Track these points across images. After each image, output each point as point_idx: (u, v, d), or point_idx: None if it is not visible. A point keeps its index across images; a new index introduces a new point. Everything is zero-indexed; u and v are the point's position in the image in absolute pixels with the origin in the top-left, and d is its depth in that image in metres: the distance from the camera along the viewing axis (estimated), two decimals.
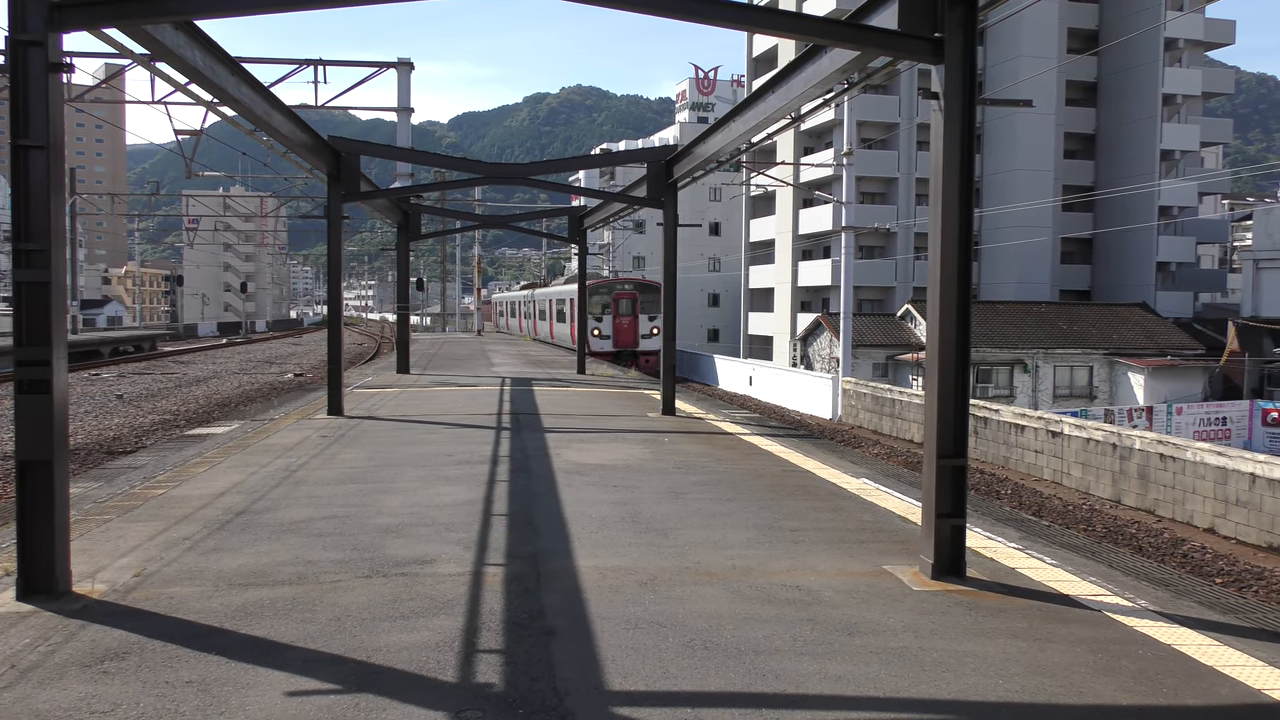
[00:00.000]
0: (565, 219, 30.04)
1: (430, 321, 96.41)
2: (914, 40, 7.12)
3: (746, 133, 13.14)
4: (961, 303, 6.93)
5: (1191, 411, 37.87)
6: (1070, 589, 6.82)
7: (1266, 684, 5.09)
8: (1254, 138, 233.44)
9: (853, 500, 9.80)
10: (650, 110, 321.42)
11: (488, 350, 39.89)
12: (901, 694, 4.87)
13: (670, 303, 17.14)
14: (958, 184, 6.94)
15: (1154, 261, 55.27)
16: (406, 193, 23.17)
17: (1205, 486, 17.32)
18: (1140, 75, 55.48)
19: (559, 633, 5.64)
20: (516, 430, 14.55)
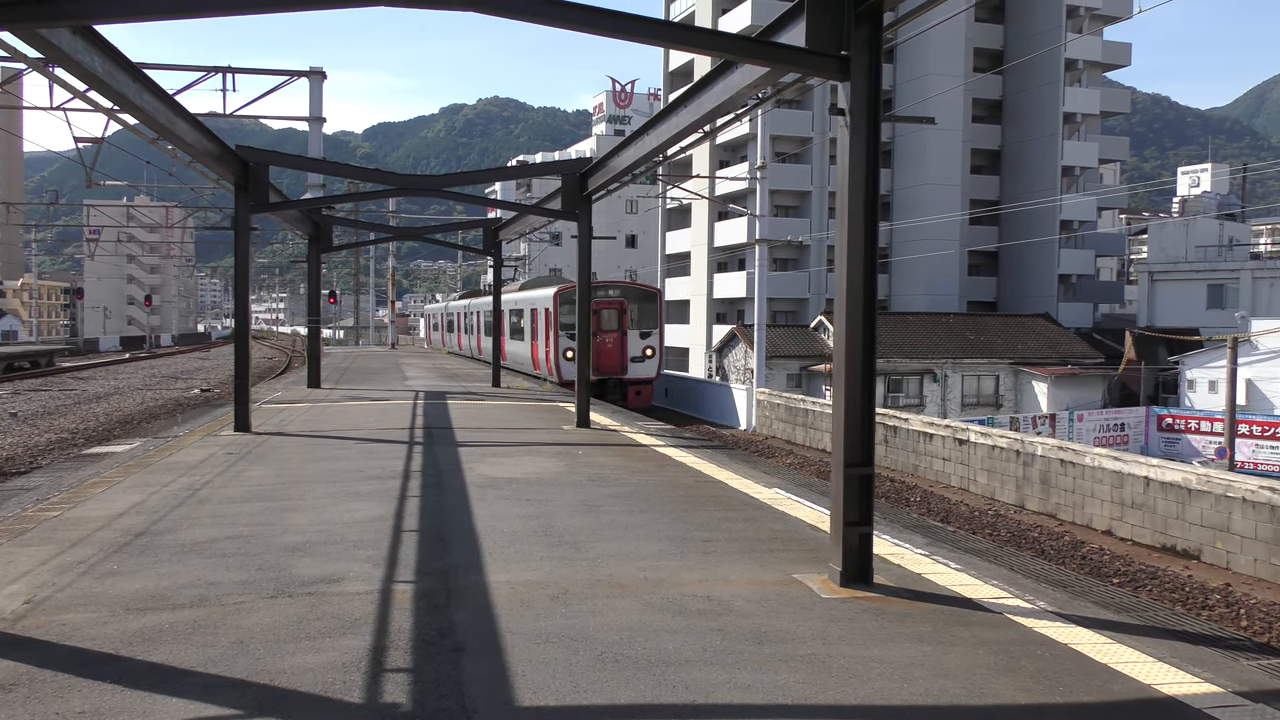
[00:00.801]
0: (480, 231, 29.85)
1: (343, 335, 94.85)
2: (821, 58, 7.25)
3: (660, 146, 13.22)
4: (867, 314, 7.07)
5: (1092, 418, 39.14)
6: (974, 592, 6.99)
7: (1156, 679, 5.27)
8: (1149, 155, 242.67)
9: (765, 510, 9.90)
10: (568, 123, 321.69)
11: (402, 364, 39.38)
12: (809, 700, 4.93)
13: (585, 316, 17.14)
14: (863, 198, 7.08)
15: (1056, 274, 57.03)
16: (318, 204, 22.79)
17: (1103, 490, 17.90)
18: (1042, 94, 57.31)
19: (469, 649, 5.58)
20: (429, 445, 14.38)
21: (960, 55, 56.34)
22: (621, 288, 32.49)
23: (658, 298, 31.93)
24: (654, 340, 31.47)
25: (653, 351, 31.37)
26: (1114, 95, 64.18)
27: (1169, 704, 4.95)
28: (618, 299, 31.49)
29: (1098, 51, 58.99)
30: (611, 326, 31.22)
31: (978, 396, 43.65)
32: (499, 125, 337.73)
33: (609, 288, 32.23)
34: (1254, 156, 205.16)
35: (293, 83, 26.63)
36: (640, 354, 31.30)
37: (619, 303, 31.42)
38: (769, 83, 9.54)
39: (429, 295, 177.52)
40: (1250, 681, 5.28)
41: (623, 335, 31.07)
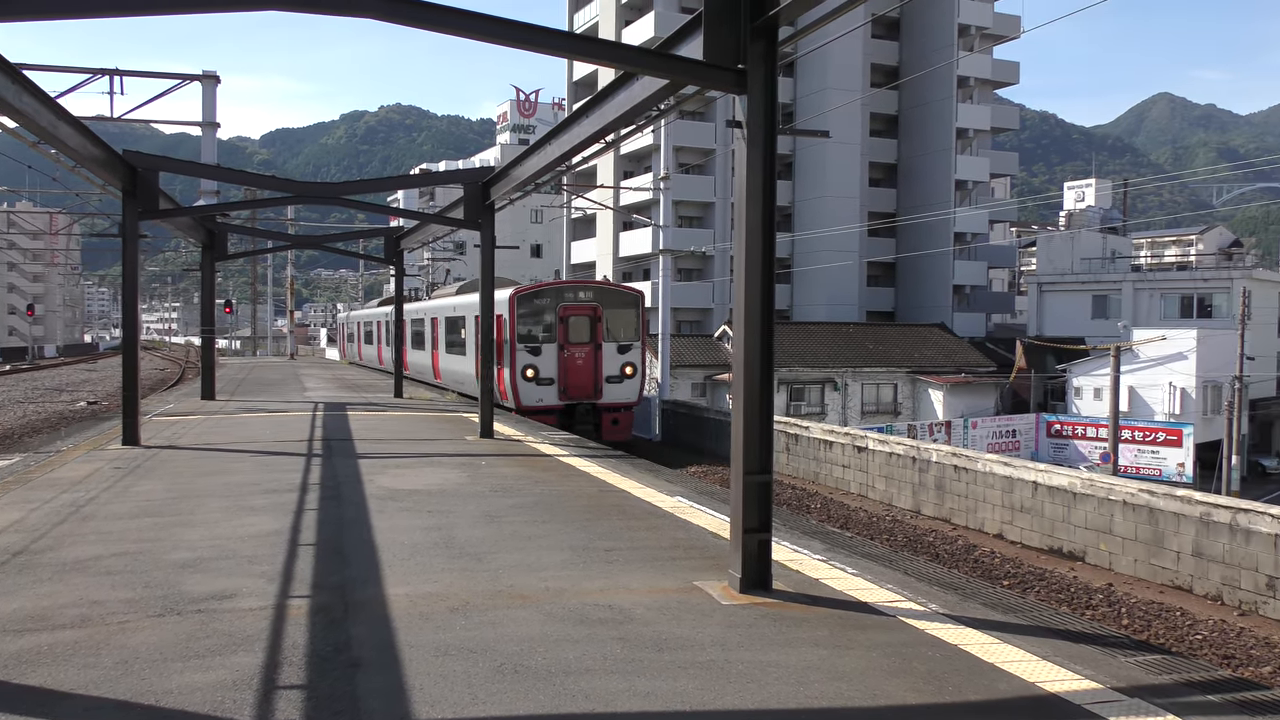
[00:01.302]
0: (382, 240, 29.41)
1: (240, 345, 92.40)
2: (719, 71, 7.35)
3: (563, 155, 13.24)
4: (765, 324, 7.18)
5: (985, 425, 40.35)
6: (869, 596, 7.14)
7: (1040, 677, 5.46)
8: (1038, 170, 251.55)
9: (667, 519, 9.96)
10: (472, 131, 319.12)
11: (301, 375, 38.55)
12: (708, 706, 4.98)
13: (488, 325, 17.02)
14: (761, 209, 7.20)
15: (950, 285, 58.70)
16: (211, 211, 22.17)
17: (994, 495, 18.47)
18: (936, 110, 59.00)
19: (365, 664, 5.49)
20: (328, 457, 14.11)
21: (858, 71, 57.65)
22: (595, 290, 25.70)
23: (639, 303, 25.71)
24: (635, 356, 25.27)
25: (634, 370, 25.12)
26: (1004, 112, 66.44)
27: (1051, 701, 5.14)
28: (590, 303, 24.99)
29: (988, 69, 60.99)
30: (582, 338, 24.73)
31: (877, 404, 44.61)
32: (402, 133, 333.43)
33: (580, 289, 25.44)
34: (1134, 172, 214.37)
35: (185, 86, 25.91)
36: (618, 372, 24.96)
37: (592, 308, 24.94)
38: (670, 94, 9.64)
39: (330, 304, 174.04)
40: (1127, 677, 5.50)
41: (596, 349, 24.79)
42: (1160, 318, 47.63)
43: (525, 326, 24.38)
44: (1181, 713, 4.98)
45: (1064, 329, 50.70)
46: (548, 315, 24.55)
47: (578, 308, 24.91)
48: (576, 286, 25.71)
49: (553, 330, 24.49)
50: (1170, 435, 37.41)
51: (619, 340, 25.10)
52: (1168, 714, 4.96)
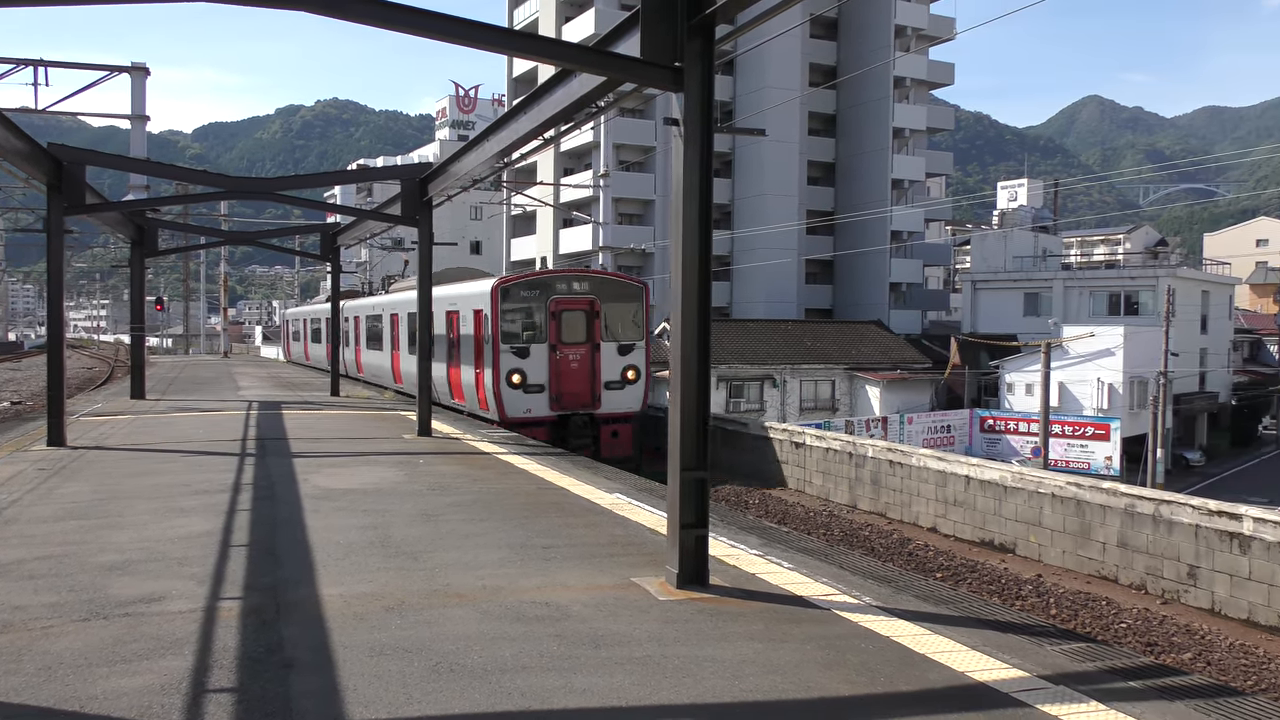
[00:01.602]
0: (319, 236, 29.01)
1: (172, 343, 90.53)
2: (656, 69, 7.37)
3: (501, 152, 13.19)
4: (702, 321, 7.22)
5: (920, 420, 40.98)
6: (805, 590, 7.22)
7: (969, 667, 5.57)
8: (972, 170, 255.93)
9: (606, 515, 9.98)
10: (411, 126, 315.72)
11: (235, 373, 37.88)
12: (644, 702, 5.00)
13: (426, 323, 16.89)
14: (698, 206, 7.23)
15: (887, 282, 59.46)
16: (141, 206, 21.69)
17: (928, 489, 18.77)
18: (873, 110, 59.70)
19: (298, 665, 5.43)
20: (262, 456, 13.89)
21: (796, 70, 58.12)
22: (592, 280, 22.07)
23: (643, 295, 22.28)
24: (638, 357, 21.82)
25: (637, 374, 21.69)
26: (939, 112, 67.48)
27: (979, 690, 5.24)
28: (586, 296, 21.37)
29: (923, 70, 61.86)
30: (578, 337, 21.16)
31: (815, 401, 45.05)
32: (339, 128, 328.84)
33: (574, 279, 21.77)
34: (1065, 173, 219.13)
35: (113, 78, 25.32)
36: (619, 377, 21.53)
37: (589, 302, 21.35)
38: (608, 91, 9.65)
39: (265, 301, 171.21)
40: (1054, 665, 5.64)
41: (594, 350, 21.35)
42: (1089, 315, 48.73)
43: (510, 323, 20.80)
44: (1104, 698, 5.11)
45: (997, 326, 51.65)
46: (536, 310, 21.01)
47: (572, 301, 21.25)
48: (570, 276, 21.96)
49: (543, 328, 20.91)
50: (1098, 430, 38.31)
51: (620, 339, 21.68)
52: (1091, 700, 5.09)
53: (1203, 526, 13.74)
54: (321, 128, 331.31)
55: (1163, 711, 4.96)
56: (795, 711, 4.94)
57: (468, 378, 22.18)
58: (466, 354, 22.25)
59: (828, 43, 61.37)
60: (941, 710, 4.95)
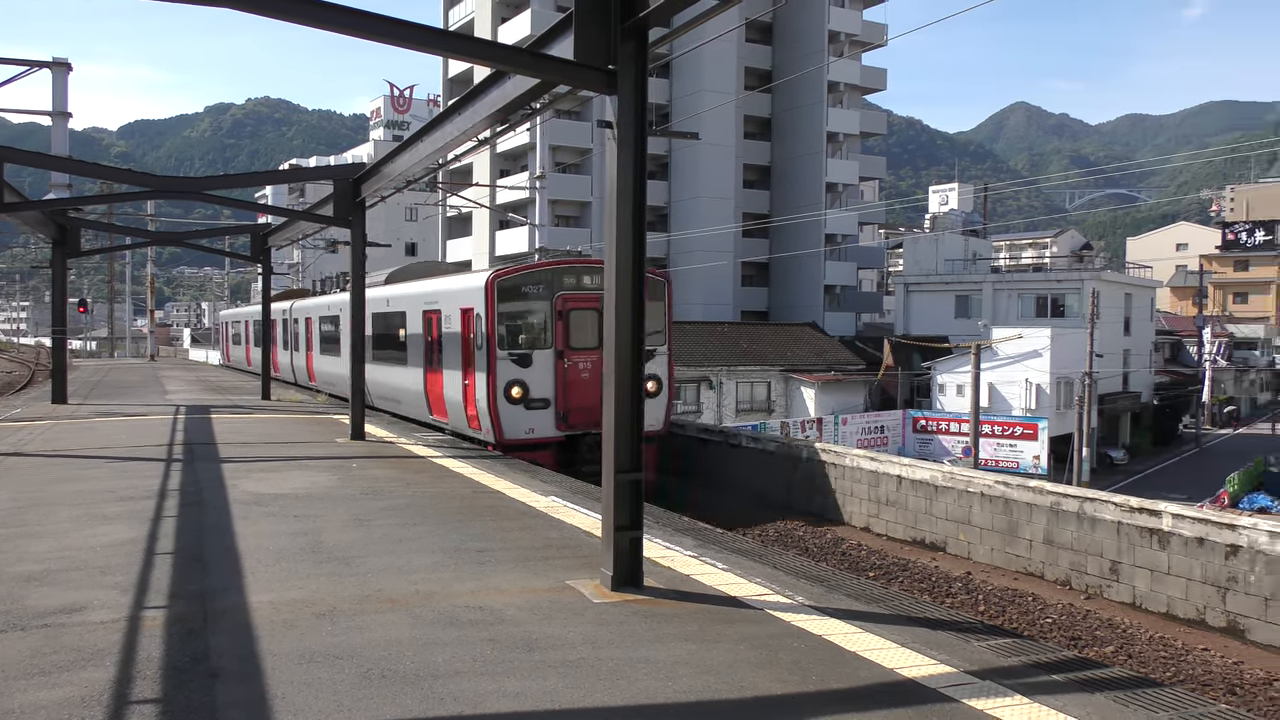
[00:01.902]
0: (249, 237, 28.50)
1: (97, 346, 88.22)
2: (590, 71, 7.38)
3: (435, 153, 13.08)
4: (635, 323, 7.23)
5: (855, 421, 41.50)
6: (739, 590, 7.27)
7: (898, 663, 5.66)
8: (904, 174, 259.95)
9: (541, 518, 9.95)
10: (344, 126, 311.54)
11: (162, 377, 37.04)
12: (577, 705, 5.00)
13: (358, 325, 16.68)
14: (631, 209, 7.25)
15: (822, 284, 60.12)
16: (62, 205, 21.10)
17: (861, 489, 19.01)
18: (808, 114, 60.34)
19: (225, 674, 5.33)
20: (190, 461, 13.60)
21: (732, 73, 58.51)
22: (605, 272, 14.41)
23: (666, 291, 18.95)
24: (660, 366, 18.60)
25: (659, 385, 18.53)
26: (872, 117, 68.41)
27: (908, 686, 5.33)
28: (599, 292, 17.17)
29: (857, 75, 62.67)
30: (589, 341, 17.61)
31: (751, 402, 45.37)
32: (270, 127, 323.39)
33: (584, 271, 17.93)
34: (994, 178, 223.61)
35: (33, 74, 24.60)
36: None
37: (601, 298, 15.60)
38: (542, 93, 9.63)
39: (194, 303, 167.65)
40: (981, 661, 5.75)
41: None
42: (1018, 317, 49.75)
43: (509, 325, 17.27)
44: (1029, 692, 5.23)
45: (929, 328, 52.50)
46: (539, 310, 17.43)
47: (583, 298, 17.63)
48: (580, 268, 18.01)
49: (548, 330, 17.39)
50: (1026, 429, 39.14)
51: None
52: (1016, 694, 5.21)
53: (1124, 523, 14.11)
54: (253, 126, 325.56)
55: (1084, 704, 5.09)
56: (727, 711, 4.98)
57: (452, 391, 18.54)
58: (451, 361, 18.52)
59: (763, 47, 61.92)
60: (871, 707, 5.02)
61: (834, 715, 4.92)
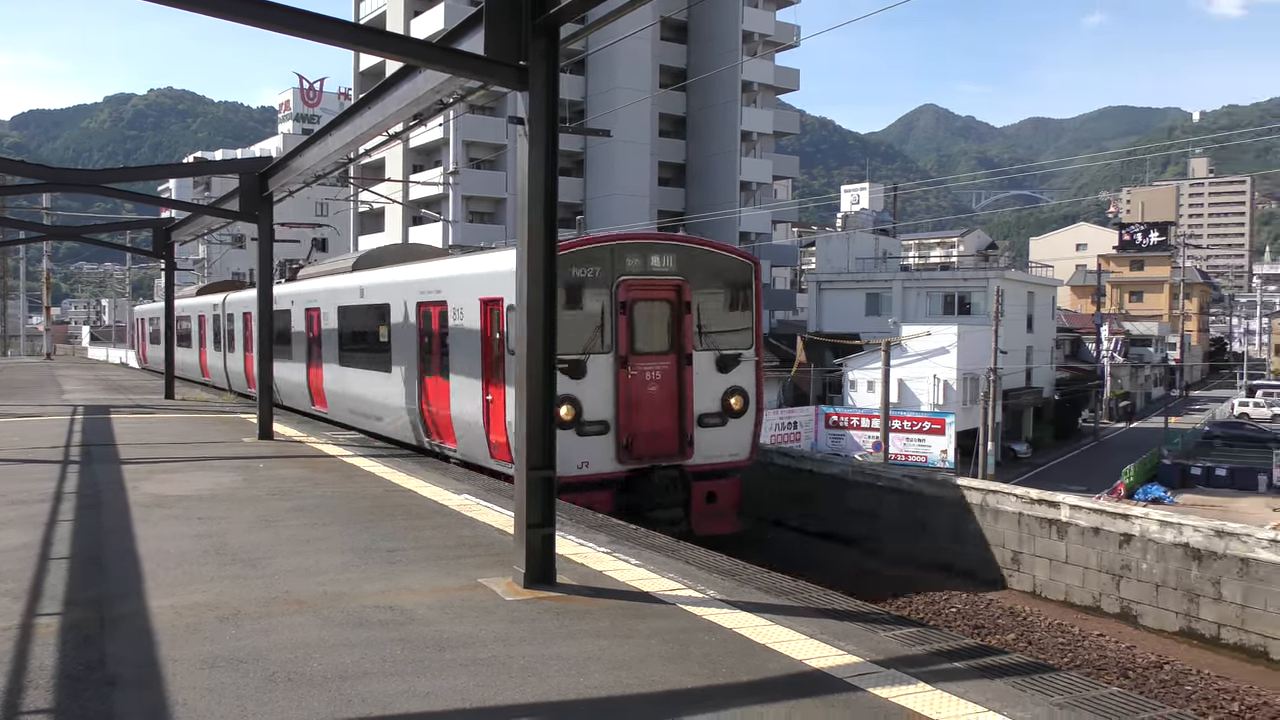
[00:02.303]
0: (151, 232, 27.67)
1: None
2: (501, 67, 7.33)
3: (345, 147, 12.88)
4: (547, 321, 7.21)
5: (769, 417, 41.93)
6: (651, 586, 7.32)
7: (807, 655, 5.76)
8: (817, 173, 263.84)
9: (454, 517, 9.87)
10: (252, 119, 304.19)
11: (59, 376, 35.76)
12: (488, 703, 4.98)
13: (266, 322, 16.34)
14: (543, 206, 7.22)
15: None
16: None
17: (773, 484, 19.25)
18: (722, 113, 60.84)
19: (123, 682, 5.18)
20: (88, 463, 13.16)
21: (647, 71, 58.69)
22: (679, 252, 14.07)
23: (754, 277, 14.94)
24: (746, 376, 14.41)
25: (744, 402, 14.26)
26: (785, 117, 69.27)
27: (816, 676, 5.42)
28: (672, 278, 13.78)
29: (770, 75, 63.43)
30: (658, 344, 13.74)
31: None
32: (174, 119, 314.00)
33: (652, 249, 14.00)
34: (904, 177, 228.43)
35: None
36: (719, 407, 14.05)
37: (675, 287, 13.69)
38: (453, 88, 9.56)
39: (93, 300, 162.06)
40: (886, 650, 5.88)
41: (682, 363, 13.76)
42: (927, 314, 50.86)
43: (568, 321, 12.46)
44: (931, 680, 5.37)
45: (841, 325, 53.36)
46: (595, 300, 13.28)
47: (653, 284, 13.54)
48: (647, 245, 14.00)
49: (605, 329, 13.27)
50: (935, 424, 40.06)
51: (719, 346, 14.06)
52: (919, 681, 5.34)
53: (1025, 514, 14.55)
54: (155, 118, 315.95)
55: (984, 689, 5.24)
56: (638, 706, 5.01)
57: (465, 409, 14.28)
58: (463, 369, 14.36)
59: (678, 46, 62.23)
60: (779, 698, 5.10)
61: (743, 707, 4.98)
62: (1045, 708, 5.00)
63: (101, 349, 72.01)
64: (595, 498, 12.43)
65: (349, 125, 12.23)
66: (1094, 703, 5.11)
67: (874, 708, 4.97)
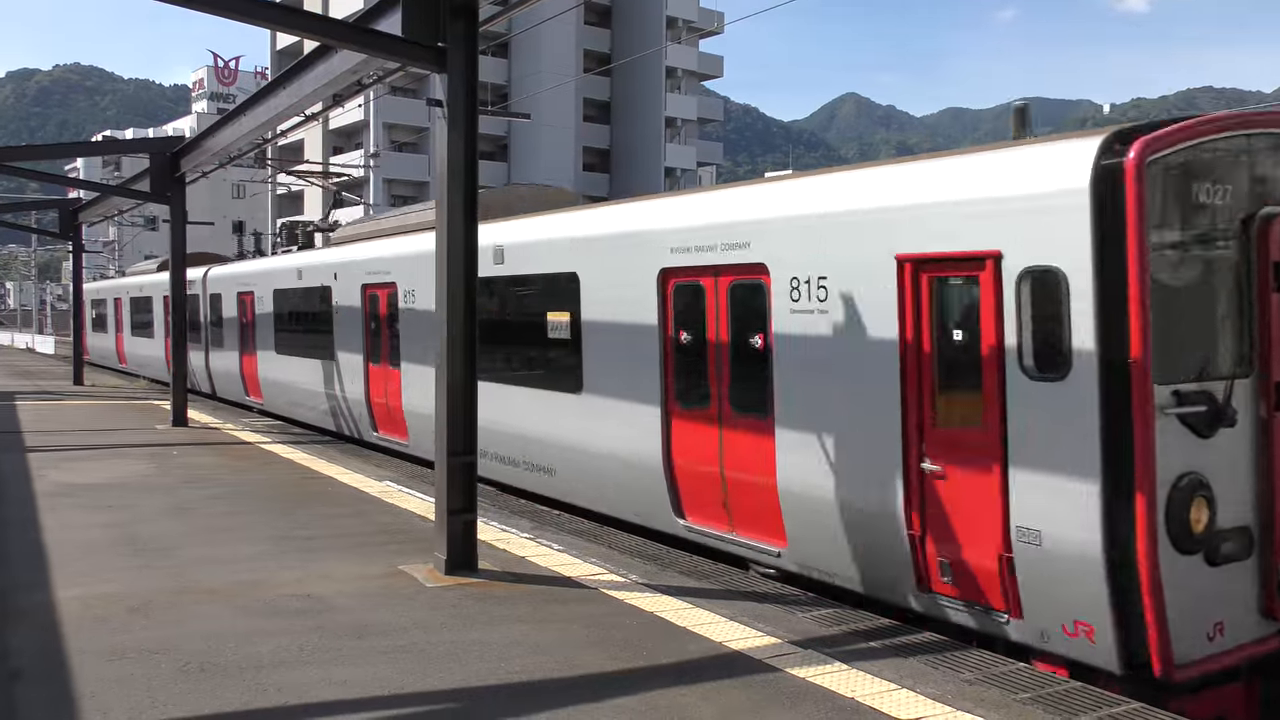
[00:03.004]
0: (56, 212, 26.77)
1: None
2: (418, 48, 7.25)
3: (260, 127, 12.62)
4: (468, 306, 7.16)
5: None
6: (573, 571, 7.33)
7: (727, 637, 5.83)
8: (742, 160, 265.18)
9: (374, 504, 9.76)
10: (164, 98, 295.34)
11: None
12: (406, 690, 4.95)
13: (180, 305, 15.94)
14: (463, 190, 7.16)
15: None
16: None
17: None
18: (647, 98, 60.88)
19: (26, 675, 5.03)
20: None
21: (571, 56, 58.43)
22: None
23: None
24: None
25: None
26: (710, 104, 69.61)
27: (735, 658, 5.49)
28: None
29: (694, 61, 63.63)
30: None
31: None
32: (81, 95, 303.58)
33: None
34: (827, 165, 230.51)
35: None
36: None
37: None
38: (372, 69, 9.42)
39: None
40: (804, 631, 5.98)
41: None
42: None
43: (1168, 309, 5.67)
44: (848, 659, 5.47)
45: None
46: (1214, 259, 6.10)
47: None
48: None
49: (1239, 325, 6.08)
50: None
51: None
52: (836, 661, 5.44)
53: None
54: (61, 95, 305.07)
55: (898, 668, 5.36)
56: (559, 690, 5.02)
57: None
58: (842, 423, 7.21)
59: (602, 30, 62.06)
60: (699, 680, 5.15)
61: (664, 690, 5.02)
62: (955, 684, 5.14)
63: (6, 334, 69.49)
64: (1222, 700, 6.02)
65: (264, 105, 11.96)
66: (1001, 678, 5.26)
67: (791, 687, 5.06)
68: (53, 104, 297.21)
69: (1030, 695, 5.01)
